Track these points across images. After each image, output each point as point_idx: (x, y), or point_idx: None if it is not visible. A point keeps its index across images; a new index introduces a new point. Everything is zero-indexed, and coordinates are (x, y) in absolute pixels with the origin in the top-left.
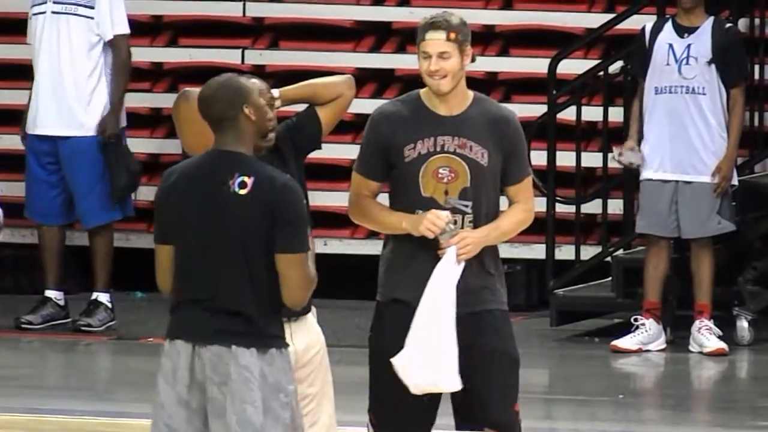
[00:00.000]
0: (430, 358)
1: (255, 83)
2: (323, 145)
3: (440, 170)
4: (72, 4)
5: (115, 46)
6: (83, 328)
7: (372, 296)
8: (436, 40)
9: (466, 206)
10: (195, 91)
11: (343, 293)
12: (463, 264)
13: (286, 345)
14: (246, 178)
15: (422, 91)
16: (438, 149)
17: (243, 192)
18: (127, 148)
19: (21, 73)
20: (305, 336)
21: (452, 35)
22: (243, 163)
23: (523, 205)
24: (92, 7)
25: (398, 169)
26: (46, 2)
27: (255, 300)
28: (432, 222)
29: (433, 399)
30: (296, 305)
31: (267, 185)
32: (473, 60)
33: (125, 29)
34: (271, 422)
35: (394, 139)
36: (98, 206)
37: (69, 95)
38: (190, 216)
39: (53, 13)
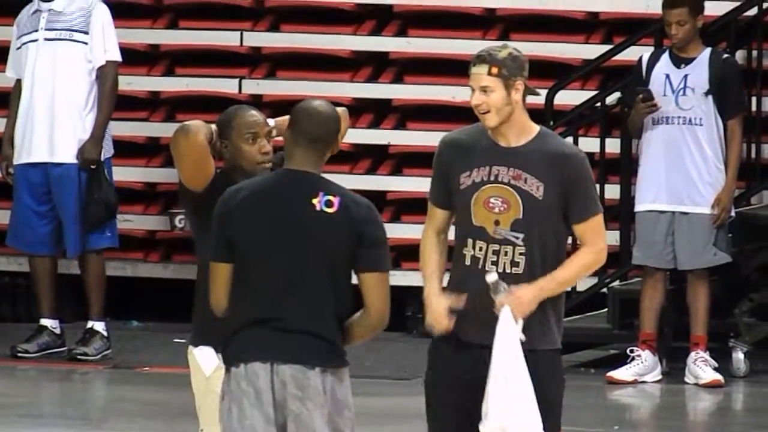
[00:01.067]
0: (513, 422)
1: None
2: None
3: (491, 200)
4: (67, 30)
5: (103, 72)
6: (79, 357)
7: None
8: (478, 75)
9: (517, 238)
10: (194, 124)
11: None
12: (521, 321)
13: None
14: (332, 197)
15: None
16: (492, 179)
17: (330, 211)
18: (105, 177)
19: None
20: None
21: (494, 69)
22: (325, 183)
23: (590, 247)
24: (87, 33)
25: (455, 197)
26: (37, 30)
27: (332, 319)
28: (430, 323)
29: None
30: (383, 323)
31: (352, 205)
32: (534, 93)
33: (116, 56)
34: None
35: (453, 166)
36: (82, 235)
37: (63, 122)
38: (264, 235)
39: (46, 40)
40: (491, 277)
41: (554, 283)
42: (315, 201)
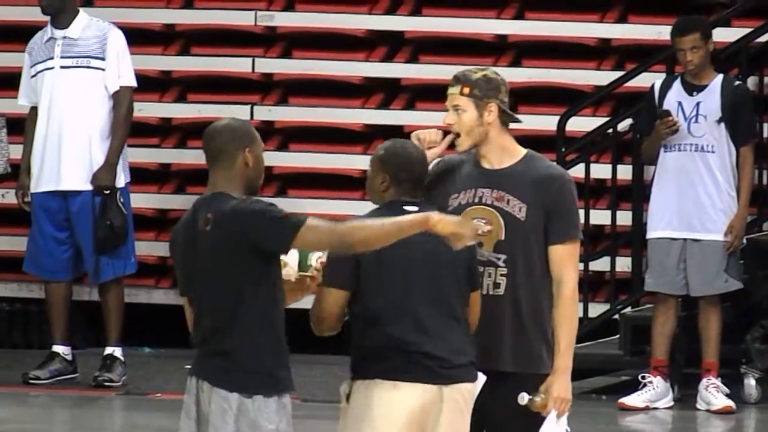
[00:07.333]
0: None
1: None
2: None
3: (475, 222)
4: (83, 57)
5: (118, 98)
6: (106, 384)
7: None
8: (452, 94)
9: (499, 259)
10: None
11: None
12: (564, 418)
13: (280, 390)
14: (209, 215)
15: None
16: (476, 201)
17: (207, 228)
18: (117, 202)
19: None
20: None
21: (466, 90)
22: (211, 201)
23: (563, 289)
24: (104, 59)
25: None
26: (52, 57)
27: (245, 339)
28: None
29: None
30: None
31: (222, 217)
32: (515, 120)
33: (131, 81)
34: None
35: (442, 188)
36: (106, 261)
37: (82, 149)
38: (181, 265)
39: (62, 68)
40: (522, 400)
41: (567, 353)
42: (200, 221)
